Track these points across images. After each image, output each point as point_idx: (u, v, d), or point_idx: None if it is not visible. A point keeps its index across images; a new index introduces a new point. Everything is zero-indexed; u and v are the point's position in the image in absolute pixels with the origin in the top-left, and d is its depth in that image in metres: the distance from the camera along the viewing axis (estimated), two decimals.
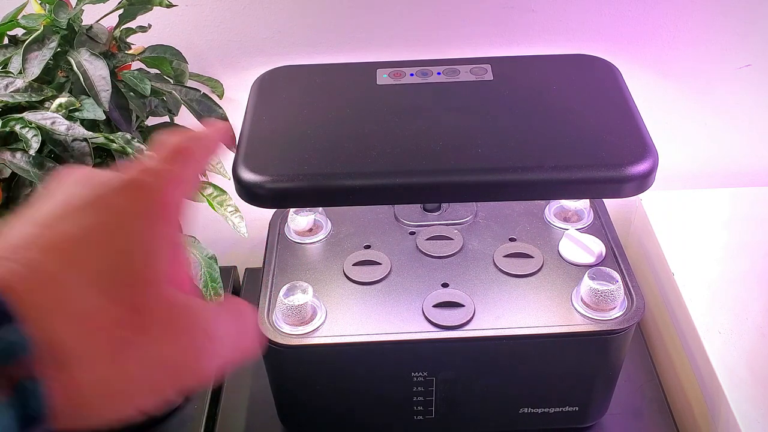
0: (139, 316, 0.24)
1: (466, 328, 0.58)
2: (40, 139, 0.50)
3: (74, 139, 0.52)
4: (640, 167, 0.47)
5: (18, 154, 0.50)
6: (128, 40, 0.63)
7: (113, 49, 0.61)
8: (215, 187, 0.60)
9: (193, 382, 0.26)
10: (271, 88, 0.57)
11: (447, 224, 0.67)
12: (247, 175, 0.48)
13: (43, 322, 0.21)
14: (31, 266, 0.22)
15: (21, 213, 0.26)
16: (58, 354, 0.21)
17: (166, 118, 0.65)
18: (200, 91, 0.62)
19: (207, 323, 0.26)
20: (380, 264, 0.63)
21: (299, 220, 0.66)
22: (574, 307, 0.59)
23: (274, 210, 0.70)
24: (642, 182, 0.47)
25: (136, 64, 0.63)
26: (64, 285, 0.22)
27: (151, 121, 0.63)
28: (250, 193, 0.48)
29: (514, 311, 0.59)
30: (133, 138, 0.54)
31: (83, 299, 0.22)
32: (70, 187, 0.26)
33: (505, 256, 0.63)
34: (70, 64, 0.55)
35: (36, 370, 0.20)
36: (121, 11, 0.60)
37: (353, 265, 0.63)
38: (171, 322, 0.25)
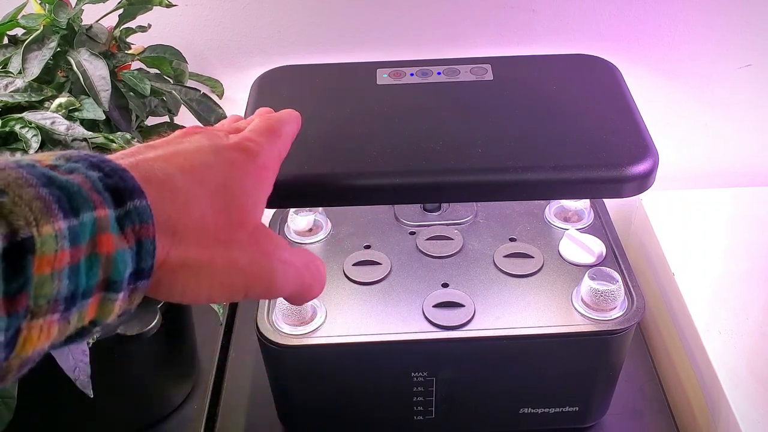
0: (236, 229, 0.32)
1: (466, 328, 0.58)
2: (40, 139, 0.50)
3: (74, 139, 0.52)
4: (641, 167, 0.47)
5: (18, 155, 0.50)
6: (128, 40, 0.63)
7: (113, 49, 0.61)
8: None
9: (259, 293, 0.33)
10: (271, 88, 0.57)
11: (447, 224, 0.67)
12: None
13: (170, 209, 0.29)
14: (168, 174, 0.30)
15: (160, 141, 0.34)
16: (176, 232, 0.29)
17: (166, 118, 0.65)
18: (200, 91, 0.62)
19: (282, 252, 0.34)
20: (380, 264, 0.63)
21: (299, 220, 0.66)
22: (574, 307, 0.59)
23: (274, 210, 0.70)
24: (642, 182, 0.47)
25: (136, 64, 0.63)
26: (187, 193, 0.30)
27: (151, 121, 0.63)
28: None
29: (514, 311, 0.59)
30: (133, 138, 0.54)
31: (199, 205, 0.31)
32: (197, 136, 0.35)
33: (505, 256, 0.63)
34: (70, 64, 0.55)
35: (155, 236, 0.27)
36: (121, 11, 0.60)
37: (353, 265, 0.63)
38: (256, 241, 0.33)
